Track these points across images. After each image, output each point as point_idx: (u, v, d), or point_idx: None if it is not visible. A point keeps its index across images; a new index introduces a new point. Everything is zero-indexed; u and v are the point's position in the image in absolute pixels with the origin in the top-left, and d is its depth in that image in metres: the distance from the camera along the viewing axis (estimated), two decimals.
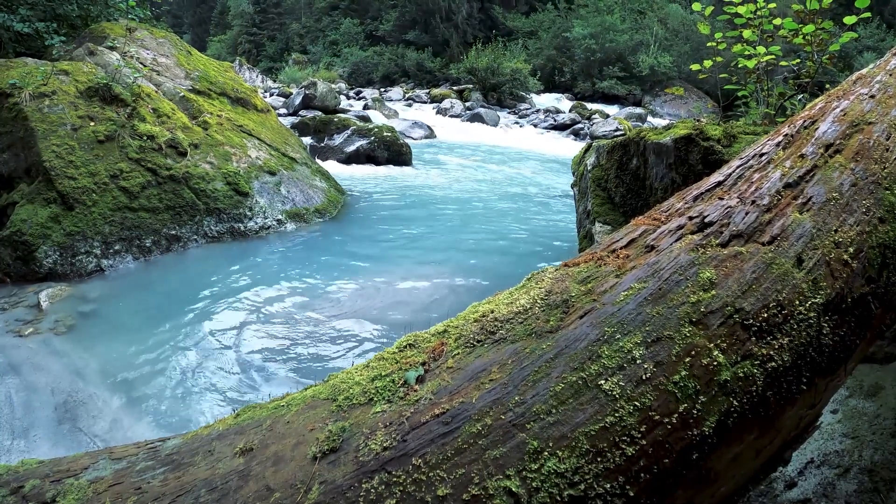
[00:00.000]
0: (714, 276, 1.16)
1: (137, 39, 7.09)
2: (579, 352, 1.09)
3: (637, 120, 18.71)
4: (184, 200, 5.59)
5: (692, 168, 3.25)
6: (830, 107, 1.58)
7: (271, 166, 6.66)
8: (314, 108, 14.96)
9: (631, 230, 1.37)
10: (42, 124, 5.09)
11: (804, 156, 1.41)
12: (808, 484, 1.82)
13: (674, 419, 1.03)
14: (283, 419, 1.17)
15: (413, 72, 31.21)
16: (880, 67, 1.74)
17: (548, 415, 1.02)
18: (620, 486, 0.99)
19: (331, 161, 10.19)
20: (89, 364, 3.53)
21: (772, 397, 1.10)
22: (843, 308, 1.20)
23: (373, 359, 1.26)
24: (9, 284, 4.64)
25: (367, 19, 36.87)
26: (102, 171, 5.17)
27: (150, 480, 1.10)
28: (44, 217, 4.81)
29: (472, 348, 1.17)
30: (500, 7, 33.07)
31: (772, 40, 3.81)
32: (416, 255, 5.62)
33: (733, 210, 1.29)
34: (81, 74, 5.63)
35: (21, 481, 1.14)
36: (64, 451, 2.60)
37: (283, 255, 5.63)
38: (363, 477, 1.00)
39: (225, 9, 48.46)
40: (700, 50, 22.75)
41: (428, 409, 1.07)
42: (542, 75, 26.38)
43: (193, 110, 6.55)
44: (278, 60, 38.36)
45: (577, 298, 1.20)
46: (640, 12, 28.33)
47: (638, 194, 3.83)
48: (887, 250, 1.29)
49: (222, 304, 4.39)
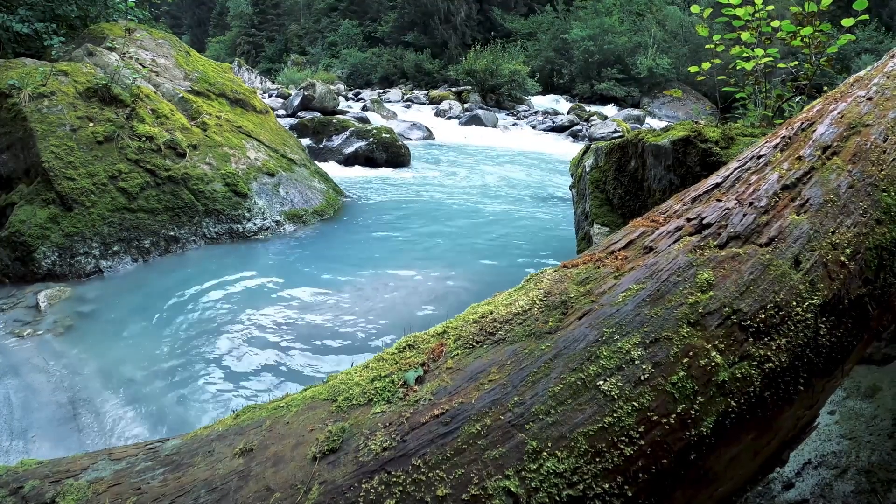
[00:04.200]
0: (712, 278, 1.17)
1: (136, 40, 7.09)
2: (578, 353, 1.10)
3: (635, 122, 18.74)
4: (182, 201, 5.59)
5: (690, 170, 3.26)
6: (828, 109, 1.59)
7: (270, 167, 6.66)
8: (313, 110, 14.98)
9: (629, 232, 1.38)
10: (41, 125, 5.09)
11: (802, 158, 1.41)
12: (805, 485, 1.82)
13: (672, 420, 1.03)
14: (282, 420, 1.17)
15: (412, 73, 31.24)
16: (878, 70, 1.75)
17: (547, 415, 1.03)
18: (619, 486, 1.00)
19: (329, 162, 10.19)
20: (88, 365, 3.53)
21: (769, 398, 1.11)
22: (840, 309, 1.21)
23: (372, 360, 1.27)
24: (7, 285, 4.63)
25: (366, 21, 36.92)
26: (101, 171, 5.17)
27: (149, 481, 1.10)
28: (43, 218, 4.81)
29: (471, 349, 1.18)
30: (498, 9, 33.10)
31: (770, 42, 3.82)
32: (415, 256, 5.62)
33: (731, 212, 1.30)
34: (80, 75, 5.63)
35: (20, 482, 1.14)
36: (63, 452, 2.59)
37: (281, 256, 5.63)
38: (363, 477, 1.00)
39: (224, 10, 48.49)
40: (698, 52, 22.82)
41: (427, 410, 1.07)
42: (541, 77, 26.42)
43: (192, 111, 6.55)
44: (277, 62, 38.38)
45: (575, 300, 1.20)
46: (639, 14, 28.38)
47: (636, 196, 3.84)
48: (884, 252, 1.29)
49: (221, 305, 4.39)
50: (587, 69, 26.06)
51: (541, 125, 18.17)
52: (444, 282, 4.90)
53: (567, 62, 27.05)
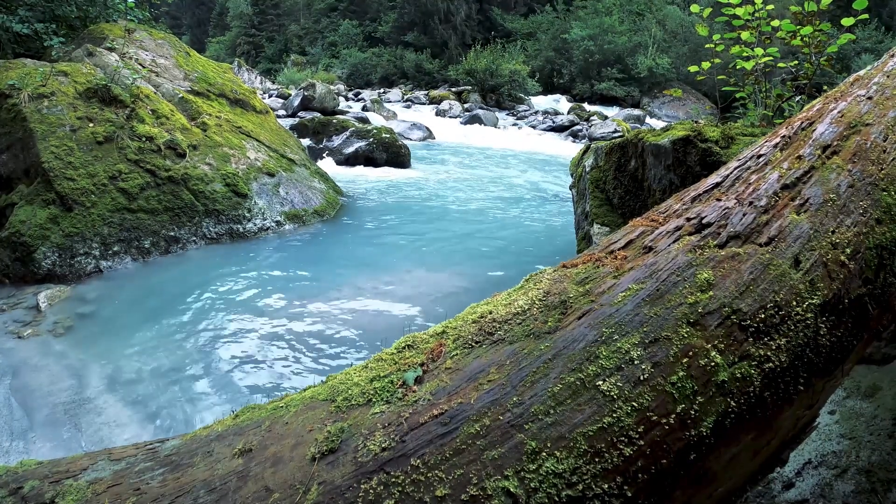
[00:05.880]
0: (712, 277, 1.17)
1: (136, 40, 7.09)
2: (577, 353, 1.09)
3: (635, 121, 18.74)
4: (182, 202, 5.59)
5: (690, 169, 3.26)
6: (828, 108, 1.58)
7: (270, 168, 6.66)
8: (313, 110, 14.99)
9: (629, 231, 1.37)
10: (41, 125, 5.09)
11: (802, 157, 1.41)
12: (805, 484, 1.82)
13: (671, 420, 1.03)
14: (281, 420, 1.17)
15: (412, 73, 31.25)
16: (878, 69, 1.74)
17: (546, 415, 1.03)
18: (618, 486, 1.00)
19: (329, 162, 10.20)
20: (88, 365, 3.53)
21: (769, 398, 1.11)
22: (840, 309, 1.20)
23: (371, 360, 1.27)
24: (7, 286, 4.63)
25: (366, 21, 36.93)
26: (101, 172, 5.17)
27: (149, 481, 1.10)
28: (43, 218, 4.81)
29: (470, 349, 1.17)
30: (498, 9, 33.12)
31: (770, 42, 3.82)
32: (415, 256, 5.62)
33: (731, 211, 1.30)
34: (80, 75, 5.63)
35: (20, 482, 1.14)
36: (63, 453, 2.60)
37: (281, 256, 5.63)
38: (362, 477, 1.00)
39: (224, 10, 48.50)
40: (698, 51, 22.79)
41: (426, 410, 1.07)
42: (541, 77, 26.43)
43: (192, 111, 6.55)
44: (277, 62, 38.38)
45: (575, 299, 1.20)
46: (639, 14, 28.38)
47: (636, 196, 3.84)
48: (884, 251, 1.29)
49: (221, 305, 4.39)
50: (587, 69, 26.07)
51: (541, 125, 18.17)
52: (444, 281, 4.90)
53: (567, 62, 27.05)
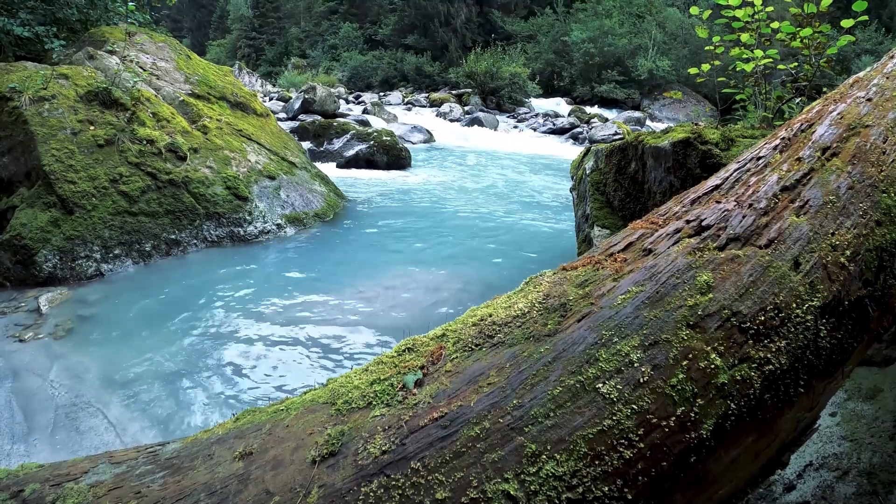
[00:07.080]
0: (711, 280, 1.16)
1: (137, 44, 7.11)
2: (577, 355, 1.09)
3: (636, 124, 18.76)
4: (183, 205, 5.59)
5: (690, 172, 3.26)
6: (827, 110, 1.58)
7: (271, 171, 6.67)
8: (313, 113, 14.99)
9: (629, 234, 1.37)
10: (42, 128, 5.10)
11: (801, 159, 1.41)
12: (806, 486, 1.82)
13: (671, 422, 1.03)
14: (282, 423, 1.17)
15: (412, 76, 31.27)
16: (877, 71, 1.75)
17: (546, 418, 1.03)
18: (618, 489, 0.99)
19: (330, 165, 10.22)
20: (89, 368, 3.53)
21: (769, 400, 1.11)
22: (840, 311, 1.20)
23: (371, 363, 1.27)
24: (8, 289, 4.64)
25: (367, 24, 36.98)
26: (102, 175, 5.18)
27: (149, 484, 1.10)
28: (44, 221, 4.81)
29: (470, 352, 1.17)
30: (498, 11, 33.14)
31: (769, 44, 3.82)
32: (415, 259, 5.62)
33: (730, 213, 1.30)
34: (81, 78, 5.64)
35: (21, 485, 1.14)
36: (64, 456, 2.60)
37: (282, 259, 5.63)
38: (362, 481, 1.00)
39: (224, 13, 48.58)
40: (698, 54, 22.81)
41: (426, 413, 1.07)
42: (541, 79, 26.45)
43: (193, 114, 6.56)
44: (278, 65, 38.42)
45: (574, 302, 1.20)
46: (639, 16, 28.41)
47: (636, 198, 3.84)
48: (884, 253, 1.29)
49: (222, 308, 4.39)
50: (587, 71, 26.08)
51: (541, 127, 18.17)
52: (444, 284, 4.90)
53: (567, 64, 27.07)
